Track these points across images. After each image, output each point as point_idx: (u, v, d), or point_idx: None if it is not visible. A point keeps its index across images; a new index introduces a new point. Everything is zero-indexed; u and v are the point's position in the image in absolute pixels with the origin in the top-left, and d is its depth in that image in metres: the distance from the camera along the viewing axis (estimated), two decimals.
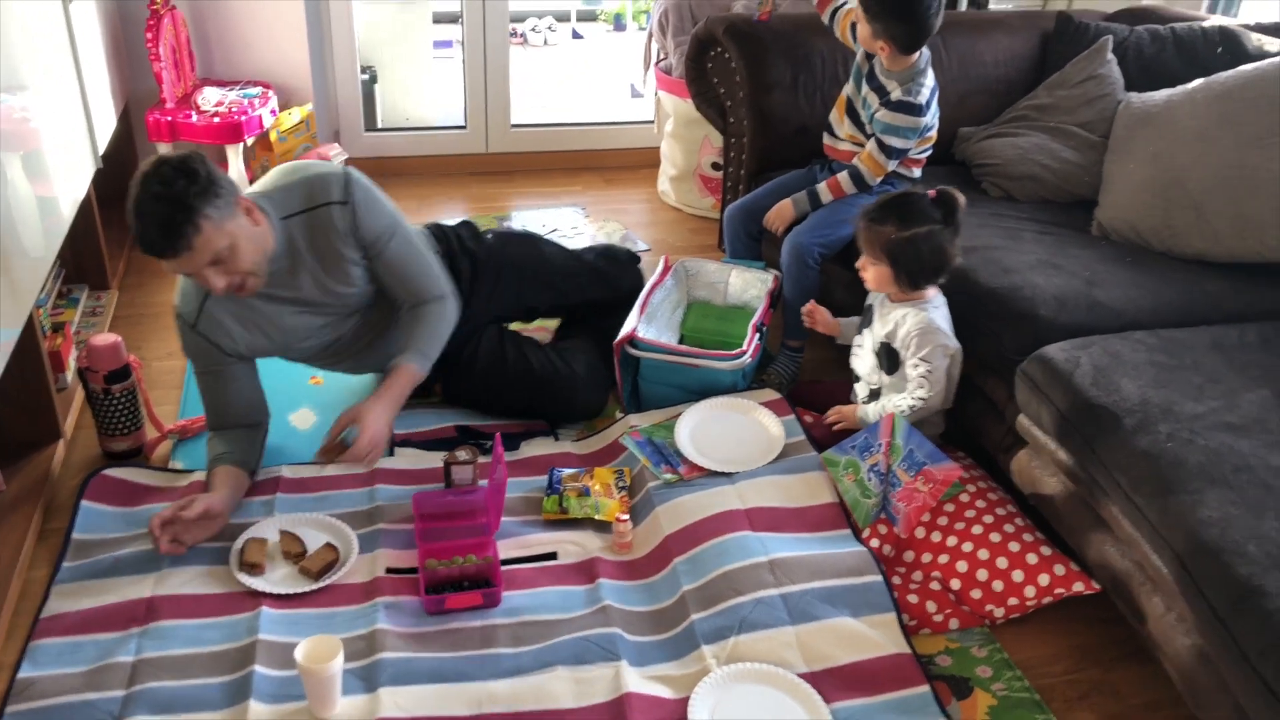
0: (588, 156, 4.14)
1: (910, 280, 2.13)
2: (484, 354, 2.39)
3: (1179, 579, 1.57)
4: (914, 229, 2.07)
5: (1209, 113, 2.36)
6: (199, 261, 1.86)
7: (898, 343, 2.16)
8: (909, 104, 2.41)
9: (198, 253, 1.84)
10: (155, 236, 1.82)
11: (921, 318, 2.12)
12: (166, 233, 1.81)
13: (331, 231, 2.05)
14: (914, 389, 2.14)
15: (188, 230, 1.81)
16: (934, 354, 2.11)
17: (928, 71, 2.45)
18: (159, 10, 3.05)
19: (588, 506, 2.09)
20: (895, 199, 2.15)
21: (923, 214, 2.08)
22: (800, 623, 1.79)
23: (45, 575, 1.91)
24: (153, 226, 1.81)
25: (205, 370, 2.11)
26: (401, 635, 1.78)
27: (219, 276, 1.91)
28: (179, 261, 1.85)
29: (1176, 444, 1.68)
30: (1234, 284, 2.24)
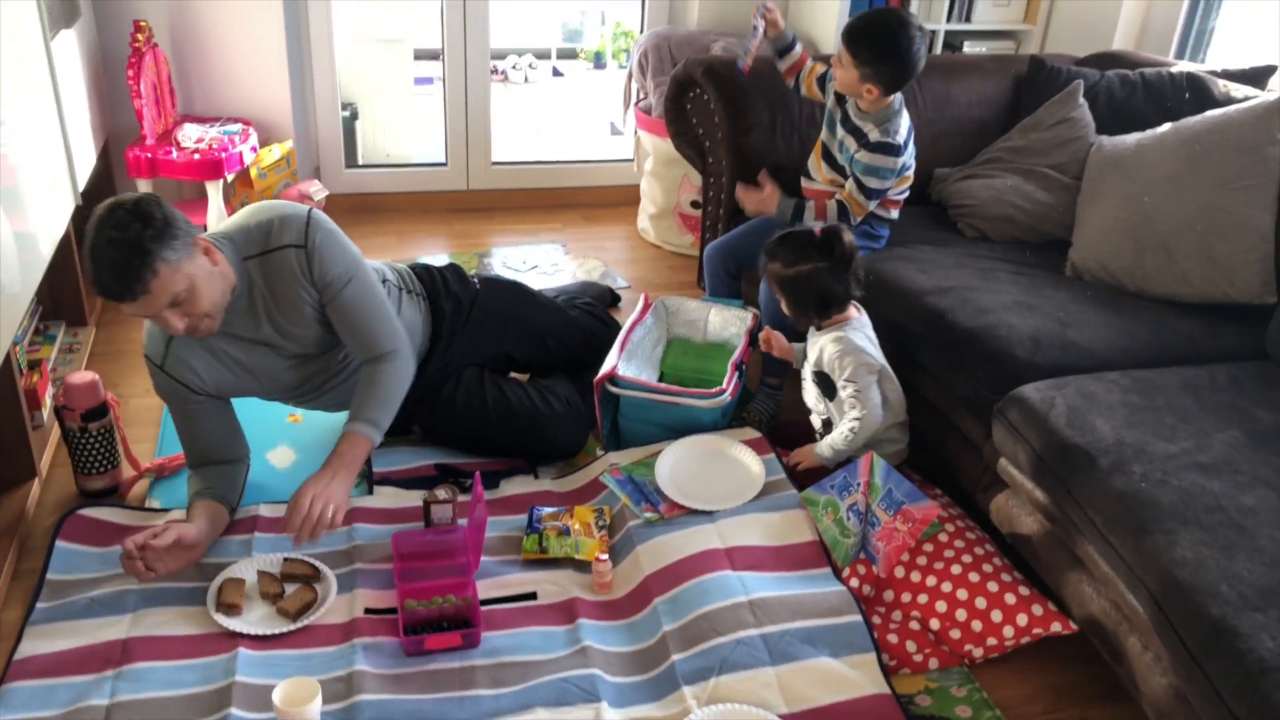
0: (568, 194, 4.17)
1: (800, 314, 2.21)
2: (463, 393, 2.39)
3: (1154, 619, 1.59)
4: (796, 268, 2.15)
5: (1178, 156, 2.41)
6: (157, 304, 1.85)
7: (824, 368, 2.22)
8: (887, 144, 2.45)
9: (155, 296, 1.83)
10: (111, 281, 1.81)
11: (841, 341, 2.19)
12: (122, 277, 1.80)
13: (288, 274, 2.04)
14: (847, 413, 2.19)
15: (145, 274, 1.80)
16: (858, 373, 2.16)
17: (902, 111, 2.50)
18: (140, 48, 3.06)
19: (567, 546, 2.09)
20: (784, 237, 2.22)
21: (804, 253, 2.15)
22: (780, 663, 1.79)
23: (19, 616, 1.89)
24: (108, 272, 1.80)
25: (178, 409, 2.12)
26: (380, 676, 1.77)
27: (178, 318, 1.90)
28: (137, 305, 1.84)
29: (1150, 484, 1.71)
30: (1205, 324, 2.28)
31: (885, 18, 2.40)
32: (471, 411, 2.38)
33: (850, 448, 2.21)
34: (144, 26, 3.09)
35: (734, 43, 3.63)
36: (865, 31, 2.39)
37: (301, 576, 1.98)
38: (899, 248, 2.62)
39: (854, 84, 2.43)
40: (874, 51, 2.37)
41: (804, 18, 3.83)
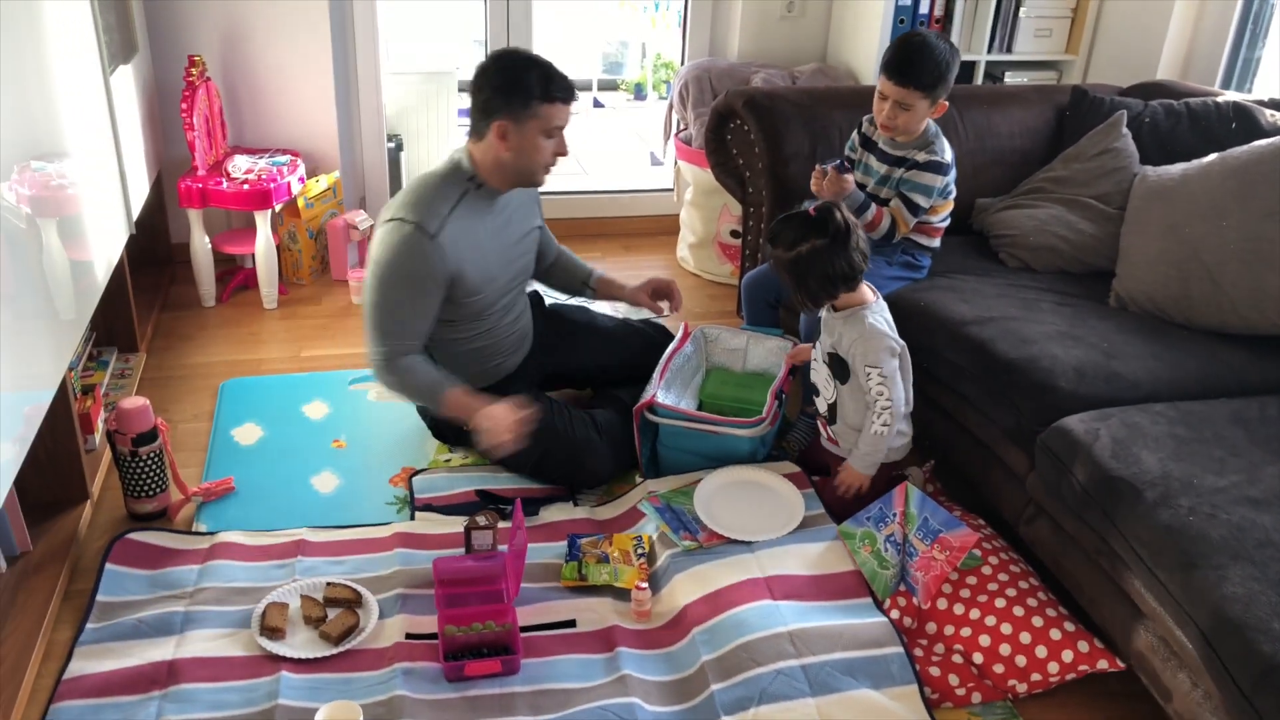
0: (608, 224, 4.20)
1: (807, 296, 2.17)
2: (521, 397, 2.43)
3: (1204, 656, 1.56)
4: (796, 249, 2.12)
5: (1224, 187, 2.39)
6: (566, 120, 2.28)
7: (843, 351, 2.20)
8: (936, 162, 2.49)
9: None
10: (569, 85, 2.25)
11: (862, 323, 2.16)
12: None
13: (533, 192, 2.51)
14: (875, 404, 2.16)
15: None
16: (881, 357, 2.14)
17: (941, 136, 2.52)
18: (194, 81, 3.14)
19: (606, 573, 2.10)
20: (782, 221, 2.18)
21: (801, 233, 2.12)
22: (821, 694, 1.77)
23: (69, 636, 1.92)
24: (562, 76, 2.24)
25: (413, 285, 2.24)
26: (420, 701, 1.78)
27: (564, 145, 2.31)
28: (567, 110, 2.27)
29: (1198, 518, 1.68)
30: (1253, 356, 2.25)
31: (921, 41, 2.41)
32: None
33: (883, 447, 2.20)
34: (198, 61, 3.17)
35: (774, 74, 3.66)
36: (921, 61, 2.39)
37: (344, 601, 2.00)
38: (940, 277, 2.61)
39: (924, 115, 2.46)
40: (939, 72, 2.39)
41: (845, 49, 3.85)
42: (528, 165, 2.28)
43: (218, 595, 2.02)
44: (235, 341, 3.13)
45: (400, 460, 2.53)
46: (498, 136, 2.22)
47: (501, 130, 2.21)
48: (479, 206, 2.33)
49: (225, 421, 2.66)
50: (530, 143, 2.24)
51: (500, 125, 2.21)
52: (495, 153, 2.25)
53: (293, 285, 3.54)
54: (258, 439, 2.59)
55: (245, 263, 3.48)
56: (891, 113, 2.45)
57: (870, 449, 2.21)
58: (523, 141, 2.24)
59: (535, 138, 2.24)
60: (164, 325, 3.20)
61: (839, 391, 2.26)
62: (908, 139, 2.51)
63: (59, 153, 2.15)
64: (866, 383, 2.16)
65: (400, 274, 2.22)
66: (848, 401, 2.25)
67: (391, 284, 2.23)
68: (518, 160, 2.27)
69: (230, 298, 3.41)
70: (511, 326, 2.52)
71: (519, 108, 2.20)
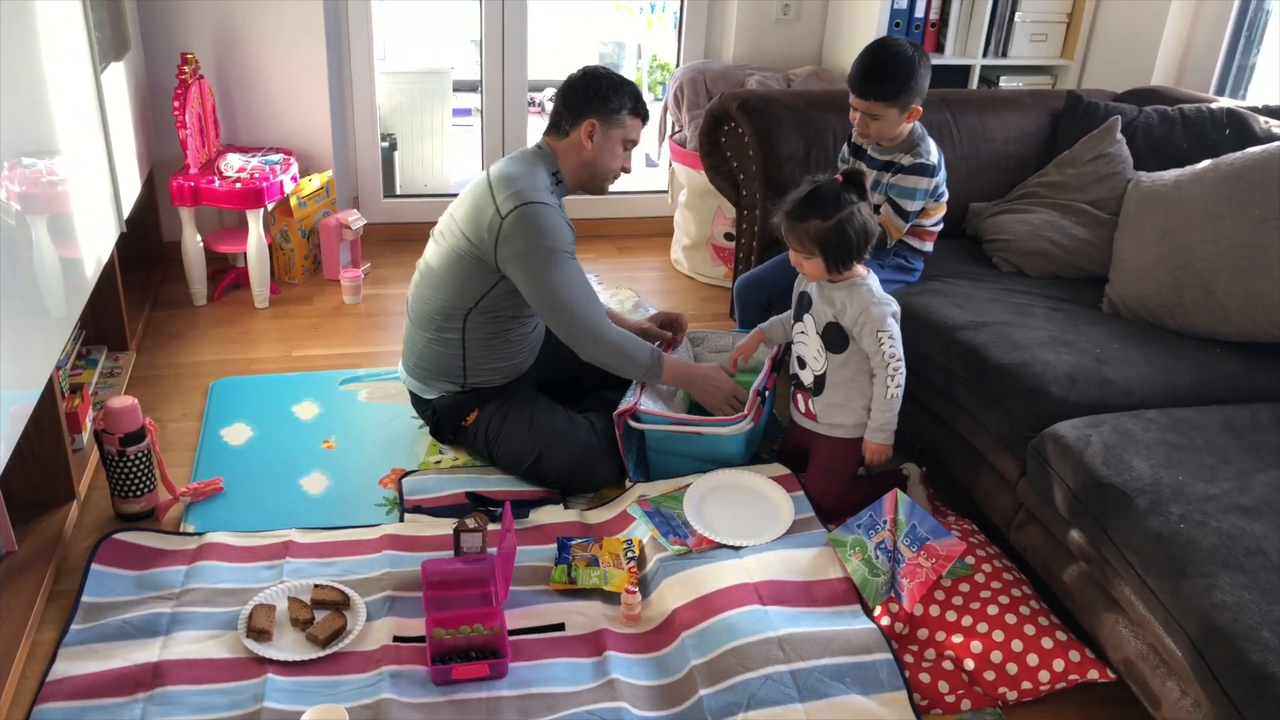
0: (602, 225, 4.19)
1: (843, 263, 2.21)
2: (523, 397, 2.47)
3: (1193, 664, 1.55)
4: (838, 215, 2.15)
5: (1217, 193, 2.39)
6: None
7: (847, 321, 2.23)
8: (922, 165, 2.48)
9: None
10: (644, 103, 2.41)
11: (865, 293, 2.22)
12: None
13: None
14: (888, 365, 2.21)
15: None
16: (889, 322, 2.20)
17: (926, 138, 2.52)
18: (187, 79, 3.13)
19: (596, 577, 2.09)
20: (809, 195, 2.20)
21: (839, 199, 2.17)
22: (810, 699, 1.77)
23: (53, 637, 1.91)
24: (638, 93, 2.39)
25: (571, 252, 2.33)
26: (407, 705, 1.77)
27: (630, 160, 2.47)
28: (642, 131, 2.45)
29: (1189, 525, 1.68)
30: (1246, 363, 2.25)
31: (880, 52, 2.43)
32: (524, 417, 2.42)
33: (895, 411, 2.24)
34: (191, 59, 3.16)
35: (769, 77, 3.65)
36: (882, 74, 2.41)
37: (331, 603, 1.99)
38: (933, 281, 2.61)
39: (896, 123, 2.46)
40: (900, 81, 2.40)
41: (840, 52, 3.85)
42: (603, 169, 2.41)
43: (205, 596, 2.00)
44: (226, 341, 3.12)
45: (390, 461, 2.52)
46: (585, 135, 2.36)
47: (590, 130, 2.35)
48: (556, 200, 2.41)
49: (215, 421, 2.65)
50: (611, 148, 2.39)
51: (590, 125, 2.35)
52: (579, 151, 2.38)
53: (285, 284, 3.52)
54: (247, 439, 2.58)
55: (237, 261, 3.47)
56: (863, 123, 2.49)
57: (885, 414, 2.24)
58: (606, 144, 2.38)
59: (616, 144, 2.40)
60: (154, 324, 3.19)
61: (830, 362, 2.28)
62: (893, 143, 2.52)
63: (49, 150, 2.13)
64: (879, 348, 2.20)
65: (563, 246, 2.31)
66: (838, 371, 2.28)
67: (563, 258, 2.30)
68: (596, 161, 2.39)
69: (222, 297, 3.40)
70: (540, 325, 2.57)
71: (611, 114, 2.36)
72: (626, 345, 2.38)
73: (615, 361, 2.38)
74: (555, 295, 2.29)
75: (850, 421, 2.32)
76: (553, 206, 2.31)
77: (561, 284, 2.29)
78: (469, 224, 2.33)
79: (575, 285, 2.32)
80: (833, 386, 2.30)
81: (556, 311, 2.31)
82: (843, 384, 2.29)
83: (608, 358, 2.36)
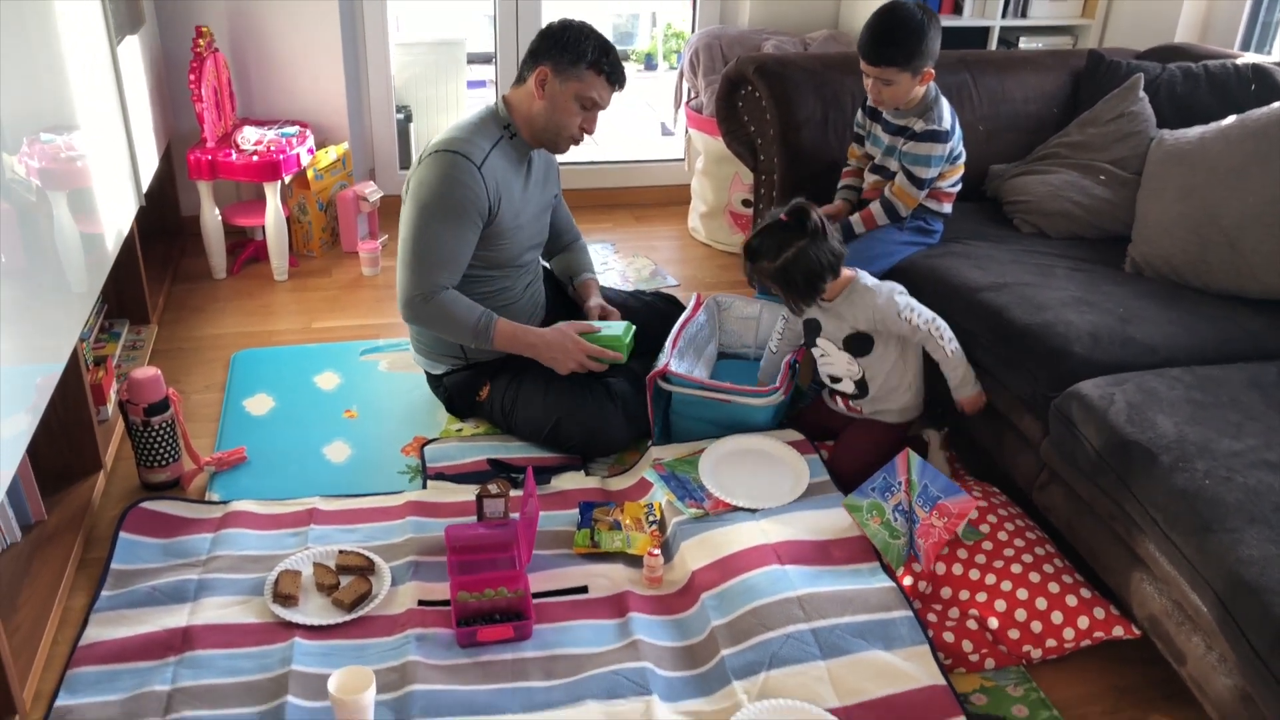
0: (619, 194, 4.18)
1: (799, 299, 2.22)
2: (534, 368, 2.43)
3: (1219, 619, 1.55)
4: (783, 256, 2.16)
5: (1242, 149, 2.35)
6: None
7: (865, 325, 2.24)
8: (934, 131, 2.46)
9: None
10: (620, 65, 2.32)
11: (867, 293, 2.24)
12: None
13: (554, 162, 2.58)
14: (930, 329, 2.21)
15: None
16: (899, 300, 2.22)
17: (940, 99, 2.49)
18: (202, 53, 3.13)
19: (619, 540, 2.10)
20: (759, 235, 2.22)
21: (784, 239, 2.17)
22: (831, 657, 1.77)
23: (84, 604, 1.94)
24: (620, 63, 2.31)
25: (457, 213, 2.24)
26: (433, 667, 1.79)
27: (593, 122, 2.35)
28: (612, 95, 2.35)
29: (1214, 482, 1.66)
30: (1271, 320, 2.22)
31: (889, 18, 2.40)
32: (542, 379, 2.41)
33: (963, 359, 2.23)
34: (205, 32, 3.15)
35: (785, 41, 3.62)
36: (891, 40, 2.39)
37: (356, 568, 2.01)
38: (954, 244, 2.59)
39: (909, 87, 2.43)
40: (911, 45, 2.37)
41: (856, 15, 3.81)
42: (554, 125, 2.31)
43: (231, 563, 2.02)
44: (246, 313, 3.13)
45: (412, 430, 2.53)
46: (537, 83, 2.27)
47: (541, 78, 2.26)
48: (512, 155, 2.36)
49: (237, 392, 2.67)
50: (563, 102, 2.28)
51: (542, 72, 2.26)
52: (530, 102, 2.30)
53: (303, 257, 3.53)
54: (269, 409, 2.60)
55: (255, 235, 3.48)
56: (875, 89, 2.46)
57: (958, 369, 2.24)
58: (559, 97, 2.27)
59: (569, 99, 2.28)
60: (175, 297, 3.21)
61: (865, 365, 2.28)
62: (907, 106, 2.49)
63: (67, 125, 2.14)
64: (911, 326, 2.21)
65: (447, 202, 2.23)
66: (876, 366, 2.29)
67: (436, 213, 2.23)
68: (547, 115, 2.30)
69: (241, 270, 3.41)
70: (526, 291, 2.52)
71: (566, 64, 2.25)
72: (454, 313, 2.29)
73: (434, 328, 2.35)
74: (405, 241, 2.28)
75: (897, 407, 2.34)
76: (470, 163, 2.23)
77: (418, 235, 2.25)
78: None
79: (432, 241, 2.24)
80: (875, 384, 2.31)
81: (400, 257, 2.30)
82: (884, 375, 2.30)
83: (429, 322, 2.32)
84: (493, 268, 2.40)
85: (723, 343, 2.76)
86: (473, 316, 2.31)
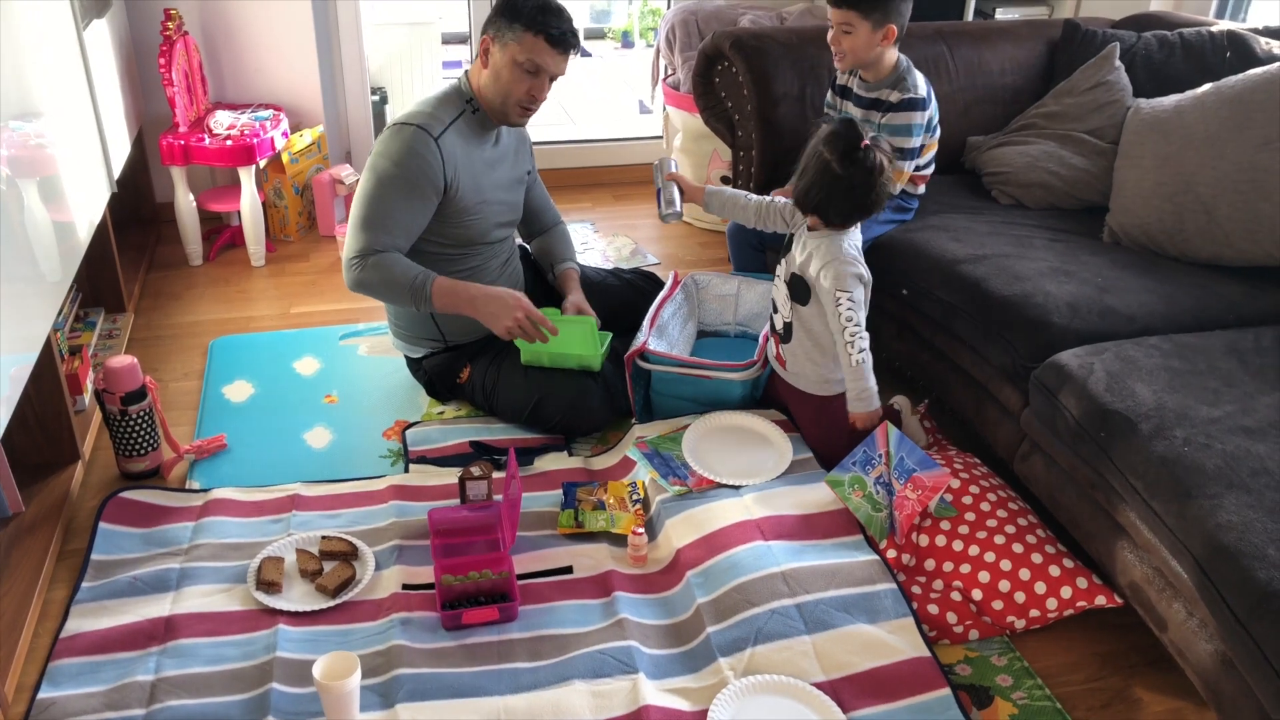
0: (597, 173, 4.16)
1: (832, 207, 2.07)
2: (513, 348, 2.42)
3: (1199, 584, 1.56)
4: (855, 162, 2.01)
5: (1218, 117, 2.36)
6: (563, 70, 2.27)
7: (811, 273, 2.13)
8: (911, 100, 2.43)
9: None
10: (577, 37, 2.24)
11: (836, 248, 2.10)
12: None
13: (528, 139, 2.55)
14: (845, 330, 2.09)
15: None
16: (850, 282, 2.09)
17: (912, 70, 2.47)
18: (171, 36, 3.08)
19: (603, 520, 2.09)
20: (845, 125, 2.06)
21: (856, 150, 2.02)
22: (817, 631, 1.78)
23: (64, 596, 1.92)
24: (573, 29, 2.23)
25: (410, 184, 2.21)
26: (418, 651, 1.79)
27: (546, 90, 2.27)
28: (564, 61, 2.25)
29: (1193, 448, 1.67)
30: (1248, 287, 2.23)
31: None
32: (517, 375, 2.40)
33: (867, 375, 2.12)
34: (174, 15, 3.11)
35: (762, 16, 3.60)
36: None
37: (339, 554, 2.00)
38: (932, 216, 2.58)
39: (868, 43, 2.38)
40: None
41: None
42: (499, 93, 2.26)
43: (213, 551, 2.01)
44: (224, 300, 3.10)
45: (393, 413, 2.52)
46: (481, 51, 2.25)
47: (484, 46, 2.24)
48: (475, 131, 2.34)
49: (216, 379, 2.64)
50: (504, 69, 2.22)
51: (484, 41, 2.24)
52: (479, 74, 2.28)
53: (280, 242, 3.50)
54: (249, 396, 2.58)
55: (231, 220, 3.44)
56: (836, 39, 2.42)
57: (858, 382, 2.13)
58: (498, 65, 2.23)
59: (508, 65, 2.21)
60: (151, 285, 3.17)
61: (796, 312, 2.22)
62: (876, 78, 2.46)
63: (34, 112, 2.11)
64: (836, 308, 2.10)
65: (399, 172, 2.20)
66: (803, 324, 2.21)
67: (387, 181, 2.21)
68: (490, 86, 2.27)
69: (217, 256, 3.38)
70: (501, 270, 2.50)
71: (504, 27, 2.20)
72: (391, 274, 2.23)
73: (374, 290, 2.28)
74: (356, 206, 2.26)
75: (813, 376, 2.25)
76: (428, 134, 2.20)
77: (367, 198, 2.23)
78: None
79: (378, 204, 2.21)
80: (797, 338, 2.23)
81: (349, 224, 2.27)
82: (804, 336, 2.21)
83: (366, 285, 2.26)
84: (463, 245, 2.38)
85: (702, 320, 2.76)
86: (410, 275, 2.23)
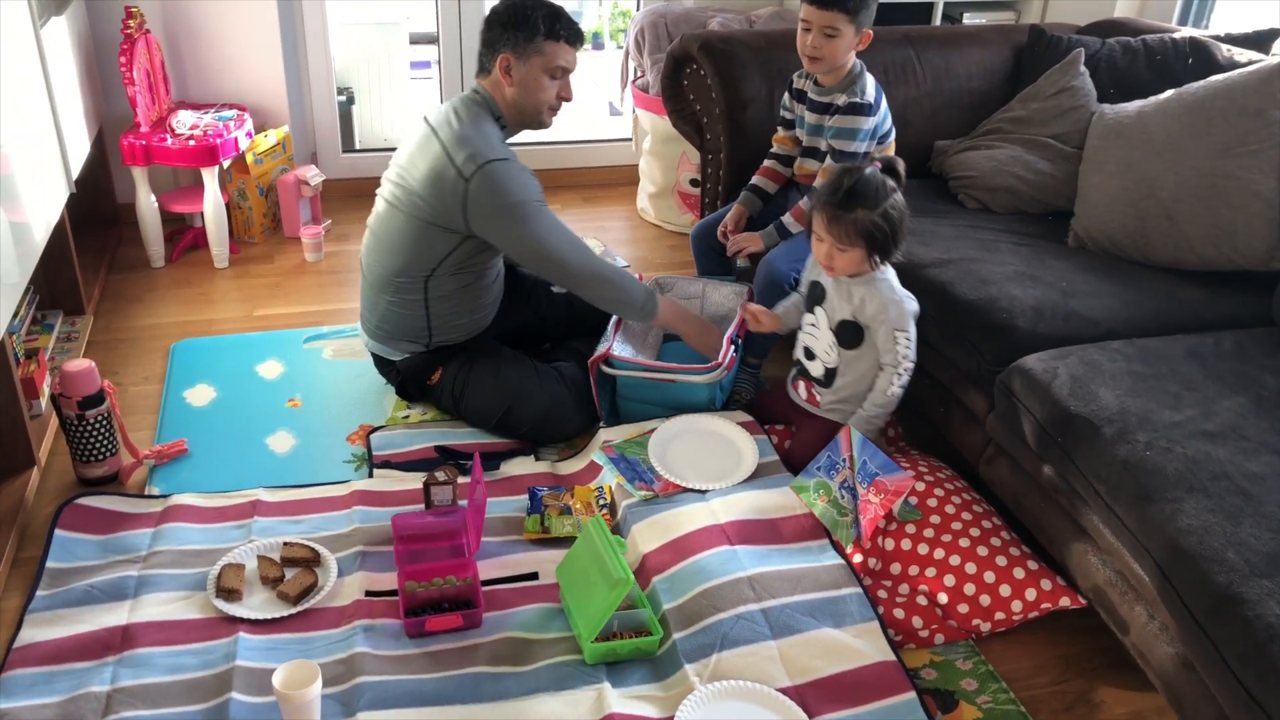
0: (566, 175, 4.14)
1: (885, 255, 2.10)
2: (487, 350, 2.42)
3: (1159, 587, 1.57)
4: (883, 205, 2.05)
5: (1180, 123, 2.38)
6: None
7: (865, 318, 2.15)
8: (856, 104, 2.40)
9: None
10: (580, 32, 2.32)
11: (885, 289, 2.13)
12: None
13: None
14: (899, 365, 2.13)
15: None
16: (907, 321, 2.13)
17: (864, 74, 2.44)
18: (132, 34, 3.04)
19: (569, 525, 2.08)
20: (852, 185, 2.06)
21: (883, 188, 2.06)
22: (782, 636, 1.78)
23: (18, 605, 1.88)
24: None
25: (544, 201, 2.27)
26: (381, 658, 1.76)
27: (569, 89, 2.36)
28: (576, 53, 2.34)
29: (1155, 452, 1.68)
30: (1209, 292, 2.25)
31: None
32: (489, 370, 2.39)
33: (892, 408, 2.17)
34: (135, 13, 3.06)
35: (731, 19, 3.60)
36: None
37: (301, 560, 1.98)
38: None
39: (848, 46, 2.37)
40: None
41: None
42: (532, 103, 2.30)
43: (172, 558, 1.98)
44: (186, 302, 3.06)
45: (357, 418, 2.49)
46: (502, 72, 2.26)
47: (505, 65, 2.25)
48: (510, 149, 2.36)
49: (177, 383, 2.61)
50: (533, 80, 2.27)
51: (505, 60, 2.25)
52: (502, 90, 2.29)
53: (244, 244, 3.46)
54: (210, 400, 2.55)
55: (194, 221, 3.40)
56: (816, 41, 2.35)
57: (880, 408, 2.17)
58: (526, 78, 2.26)
59: (538, 75, 2.27)
60: (112, 287, 3.13)
61: (842, 358, 2.22)
62: (833, 80, 2.44)
63: None
64: (895, 346, 2.12)
65: (534, 197, 2.25)
66: (850, 367, 2.21)
67: (536, 209, 2.24)
68: (522, 98, 2.29)
69: (180, 258, 3.33)
70: (499, 277, 2.51)
71: (524, 43, 2.23)
72: (623, 282, 2.35)
73: (613, 296, 2.34)
74: (542, 248, 2.25)
75: (850, 410, 2.26)
76: (512, 160, 2.25)
77: (544, 235, 2.25)
78: (428, 188, 2.23)
79: (557, 233, 2.27)
80: (842, 379, 2.24)
81: (547, 263, 2.28)
82: (855, 380, 2.22)
83: (606, 294, 2.34)
84: (489, 258, 2.40)
85: None
86: (639, 291, 2.37)
